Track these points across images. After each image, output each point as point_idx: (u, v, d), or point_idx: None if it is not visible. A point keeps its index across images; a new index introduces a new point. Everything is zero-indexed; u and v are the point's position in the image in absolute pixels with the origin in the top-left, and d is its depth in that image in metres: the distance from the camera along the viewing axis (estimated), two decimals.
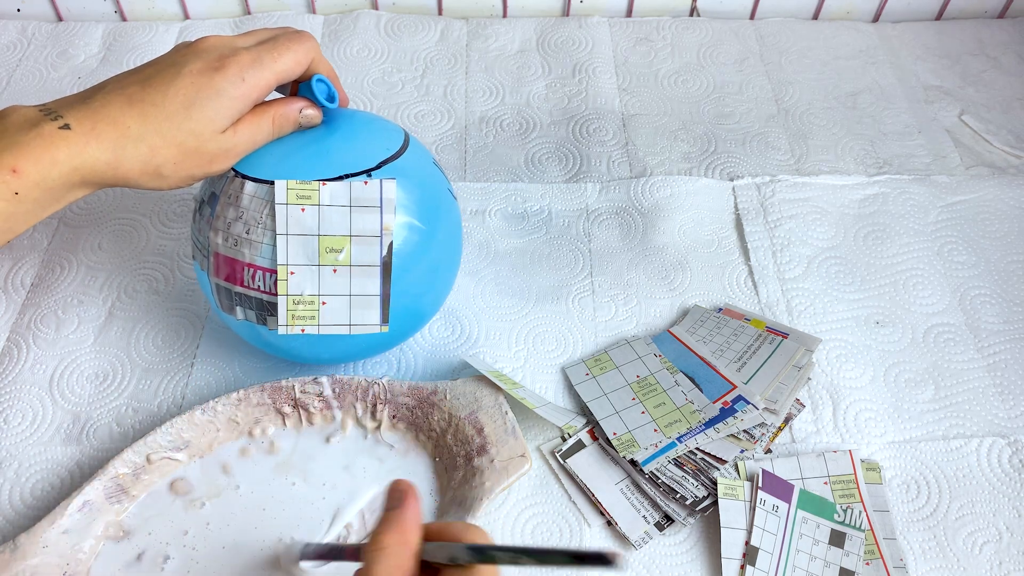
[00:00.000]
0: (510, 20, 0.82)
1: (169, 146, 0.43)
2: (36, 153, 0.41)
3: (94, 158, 0.42)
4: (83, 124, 0.42)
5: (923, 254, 0.63)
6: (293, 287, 0.45)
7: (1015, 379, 0.56)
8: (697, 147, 0.71)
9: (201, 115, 0.43)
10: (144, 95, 0.43)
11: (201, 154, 0.44)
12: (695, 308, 0.59)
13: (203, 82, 0.43)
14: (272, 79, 0.45)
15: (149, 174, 0.44)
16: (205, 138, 0.44)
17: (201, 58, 0.44)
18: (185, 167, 0.44)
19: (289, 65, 0.45)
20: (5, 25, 0.80)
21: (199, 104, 0.43)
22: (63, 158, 0.41)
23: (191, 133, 0.43)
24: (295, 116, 0.47)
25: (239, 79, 0.43)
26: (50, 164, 0.41)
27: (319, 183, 0.45)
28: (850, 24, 0.82)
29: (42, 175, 0.41)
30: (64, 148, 0.41)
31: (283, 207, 0.45)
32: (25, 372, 0.56)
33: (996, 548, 0.49)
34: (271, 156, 0.46)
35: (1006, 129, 0.72)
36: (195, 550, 0.47)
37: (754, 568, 0.46)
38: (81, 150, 0.41)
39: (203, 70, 0.43)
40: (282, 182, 0.45)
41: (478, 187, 0.67)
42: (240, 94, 0.44)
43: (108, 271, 0.61)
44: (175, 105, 0.43)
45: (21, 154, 0.40)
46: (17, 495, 0.50)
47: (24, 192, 0.41)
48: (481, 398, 0.51)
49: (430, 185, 0.49)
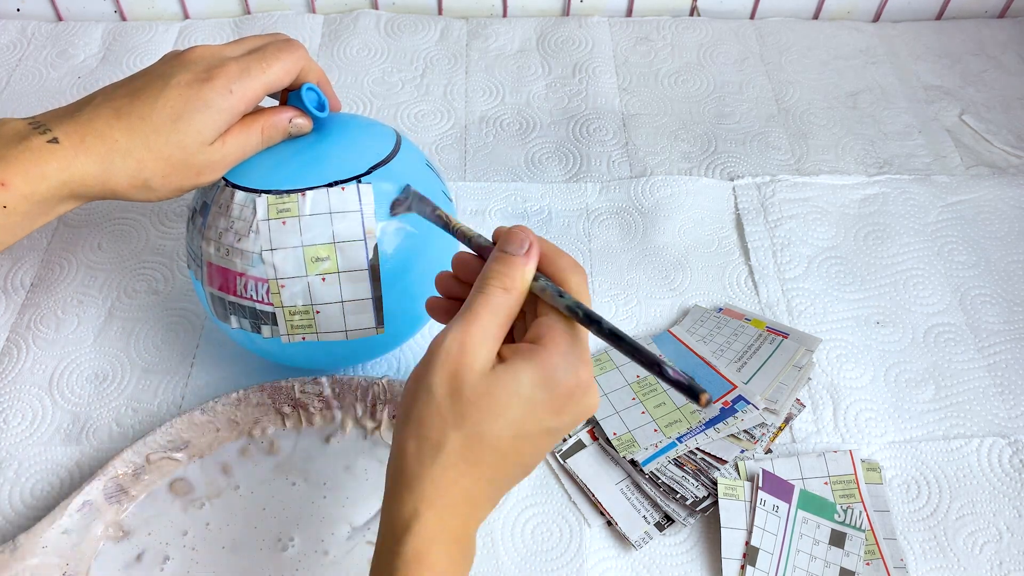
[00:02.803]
0: (510, 20, 0.82)
1: (157, 159, 0.43)
2: (25, 167, 0.41)
3: (83, 171, 0.42)
4: (71, 138, 0.42)
5: (923, 254, 0.63)
6: (287, 299, 0.45)
7: (1015, 379, 0.56)
8: (697, 147, 0.71)
9: (189, 128, 0.43)
10: (132, 108, 0.43)
11: (189, 167, 0.44)
12: (695, 308, 0.59)
13: (191, 94, 0.43)
14: (261, 89, 0.45)
15: (137, 187, 0.44)
16: (193, 151, 0.43)
17: (189, 70, 0.44)
18: (173, 180, 0.44)
19: (278, 75, 0.45)
20: (5, 25, 0.80)
21: (187, 117, 0.43)
22: (52, 172, 0.41)
23: (179, 146, 0.43)
24: (284, 126, 0.46)
25: (227, 91, 0.43)
26: (39, 178, 0.41)
27: (298, 195, 0.44)
28: (850, 24, 0.82)
29: (31, 188, 0.41)
30: (53, 162, 0.41)
31: (265, 223, 0.44)
32: (25, 372, 0.56)
33: (996, 548, 0.48)
34: (261, 166, 0.46)
35: (1006, 129, 0.72)
36: (195, 550, 0.47)
37: (754, 568, 0.46)
38: (70, 164, 0.41)
39: (191, 82, 0.43)
40: (262, 198, 0.45)
41: (478, 187, 0.67)
42: (228, 106, 0.43)
43: (108, 271, 0.61)
44: (163, 118, 0.42)
45: (10, 168, 0.40)
46: (17, 495, 0.50)
47: (13, 205, 0.41)
48: None
49: (423, 188, 0.48)
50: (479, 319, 0.35)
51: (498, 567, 0.47)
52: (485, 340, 0.35)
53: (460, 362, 0.34)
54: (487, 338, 0.35)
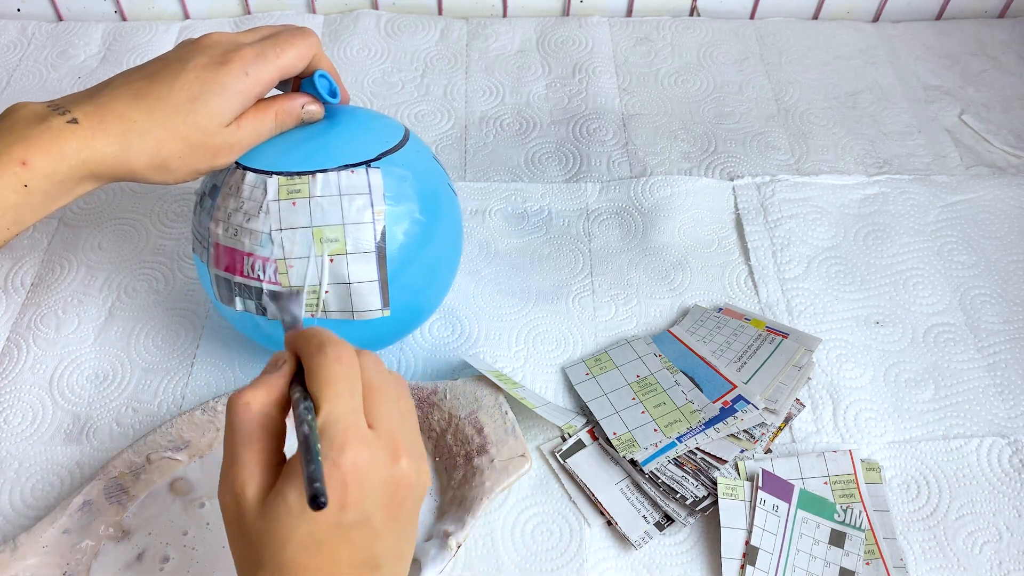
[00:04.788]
0: (510, 20, 0.82)
1: (175, 140, 0.44)
2: (45, 146, 0.42)
3: (102, 151, 0.43)
4: (90, 119, 0.43)
5: (923, 254, 0.63)
6: (294, 278, 0.46)
7: (1015, 379, 0.56)
8: (697, 147, 0.71)
9: (206, 109, 0.44)
10: (150, 90, 0.44)
11: (206, 148, 0.45)
12: (695, 308, 0.59)
13: (208, 77, 0.44)
14: (275, 74, 0.46)
15: (155, 168, 0.45)
16: (210, 132, 0.44)
17: (206, 54, 0.45)
18: (190, 161, 0.45)
19: (292, 60, 0.46)
20: (5, 25, 0.80)
21: (204, 98, 0.44)
22: (71, 151, 0.42)
23: (196, 127, 0.44)
24: (298, 111, 0.47)
25: (243, 74, 0.44)
26: (59, 157, 0.42)
27: (309, 176, 0.45)
28: (850, 24, 0.82)
29: (51, 168, 0.42)
30: (73, 141, 0.42)
31: (275, 203, 0.45)
32: (25, 372, 0.56)
33: (996, 548, 0.49)
34: (272, 149, 0.47)
35: (1006, 129, 0.72)
36: (195, 549, 0.47)
37: (754, 568, 0.46)
38: (89, 143, 0.42)
39: (208, 65, 0.44)
40: (273, 179, 0.45)
41: (478, 187, 0.67)
42: (244, 88, 0.44)
43: (108, 271, 0.61)
44: (180, 99, 0.44)
45: (30, 147, 0.41)
46: (17, 495, 0.50)
47: (33, 184, 0.42)
48: (481, 398, 0.51)
49: (430, 178, 0.49)
50: (235, 457, 0.34)
51: (498, 567, 0.48)
52: (251, 477, 0.34)
53: (237, 511, 0.34)
54: (251, 477, 0.34)
